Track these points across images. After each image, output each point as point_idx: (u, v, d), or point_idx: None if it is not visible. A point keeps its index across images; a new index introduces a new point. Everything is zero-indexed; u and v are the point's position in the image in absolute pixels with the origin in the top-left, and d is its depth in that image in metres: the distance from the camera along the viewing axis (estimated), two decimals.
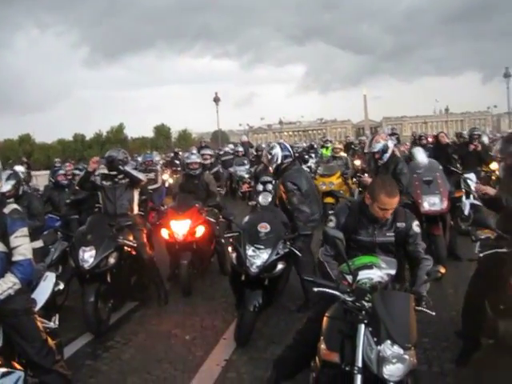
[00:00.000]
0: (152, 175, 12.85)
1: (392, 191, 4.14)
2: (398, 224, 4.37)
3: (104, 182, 7.43)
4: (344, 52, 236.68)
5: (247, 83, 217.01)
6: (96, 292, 6.34)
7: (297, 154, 13.62)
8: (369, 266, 3.99)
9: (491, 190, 4.93)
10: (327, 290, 3.64)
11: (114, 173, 7.37)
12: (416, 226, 4.39)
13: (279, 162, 7.23)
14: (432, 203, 8.15)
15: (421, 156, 9.12)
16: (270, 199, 8.47)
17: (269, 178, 9.45)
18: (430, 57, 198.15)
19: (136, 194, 7.64)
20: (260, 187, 9.41)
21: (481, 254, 4.90)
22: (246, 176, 15.83)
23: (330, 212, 8.69)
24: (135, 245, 7.02)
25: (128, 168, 7.52)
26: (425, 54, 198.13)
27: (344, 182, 12.70)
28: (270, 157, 7.32)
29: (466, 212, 10.46)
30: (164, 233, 8.13)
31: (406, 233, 4.36)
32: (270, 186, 9.25)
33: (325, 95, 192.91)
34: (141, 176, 7.67)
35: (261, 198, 8.57)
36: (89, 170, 7.46)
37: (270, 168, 7.62)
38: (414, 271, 4.26)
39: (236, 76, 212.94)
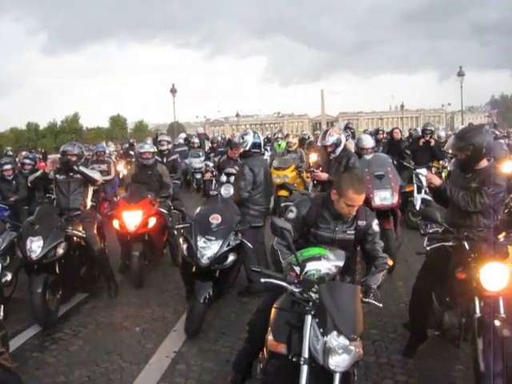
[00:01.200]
0: (105, 166, 12.63)
1: (360, 188, 4.20)
2: (359, 222, 4.42)
3: (58, 176, 7.32)
4: (306, 47, 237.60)
5: (208, 75, 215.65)
6: (44, 283, 6.20)
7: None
8: (317, 258, 3.98)
9: (437, 180, 5.03)
10: (274, 281, 3.63)
11: None
12: (375, 225, 4.47)
13: (247, 148, 7.33)
14: (383, 198, 8.24)
15: (367, 140, 9.26)
16: (231, 191, 8.48)
17: (233, 171, 9.48)
18: (390, 54, 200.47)
19: (90, 190, 7.57)
20: (224, 178, 9.41)
21: (428, 248, 4.99)
22: (211, 165, 15.91)
23: (283, 204, 8.79)
24: (84, 235, 6.95)
25: (83, 168, 7.38)
26: (384, 51, 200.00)
27: (298, 176, 12.72)
28: (241, 140, 7.43)
29: (418, 207, 10.68)
30: (115, 224, 8.03)
31: (365, 231, 4.43)
32: (233, 179, 9.26)
33: (285, 89, 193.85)
34: (96, 176, 7.52)
35: (223, 190, 8.60)
36: (45, 171, 7.40)
37: (237, 150, 7.75)
38: (369, 266, 4.36)
39: (197, 67, 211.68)
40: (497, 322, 4.14)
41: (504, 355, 4.04)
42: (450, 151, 5.59)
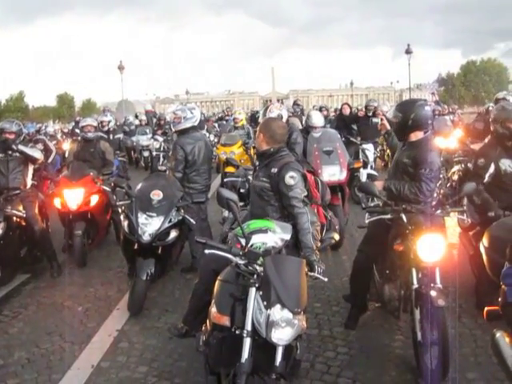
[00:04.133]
0: (40, 145, 12.21)
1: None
2: (272, 169, 4.46)
3: None
4: (262, 23, 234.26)
5: (163, 51, 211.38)
6: None
7: None
8: (263, 231, 3.99)
9: (379, 184, 5.03)
10: (219, 253, 3.60)
11: None
12: (289, 178, 4.39)
13: (196, 123, 7.23)
14: (332, 174, 8.28)
15: (316, 118, 9.25)
16: None
17: None
18: (345, 31, 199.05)
19: (30, 169, 7.39)
20: None
21: (367, 221, 5.05)
22: (160, 139, 16.02)
23: (226, 180, 8.76)
24: (24, 215, 6.78)
25: (22, 146, 7.13)
26: (340, 29, 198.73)
27: (245, 152, 12.68)
28: (190, 115, 7.12)
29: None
30: (57, 202, 7.81)
31: (278, 182, 4.43)
32: None
33: (239, 66, 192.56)
34: (37, 155, 7.33)
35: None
36: None
37: (174, 128, 7.55)
38: (297, 232, 4.33)
39: (153, 44, 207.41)
40: (433, 293, 4.21)
41: (439, 324, 4.12)
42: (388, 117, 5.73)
